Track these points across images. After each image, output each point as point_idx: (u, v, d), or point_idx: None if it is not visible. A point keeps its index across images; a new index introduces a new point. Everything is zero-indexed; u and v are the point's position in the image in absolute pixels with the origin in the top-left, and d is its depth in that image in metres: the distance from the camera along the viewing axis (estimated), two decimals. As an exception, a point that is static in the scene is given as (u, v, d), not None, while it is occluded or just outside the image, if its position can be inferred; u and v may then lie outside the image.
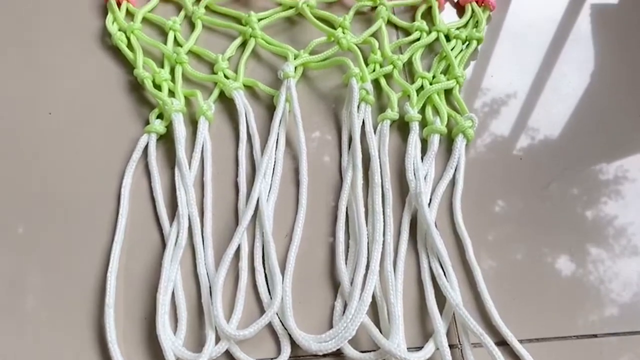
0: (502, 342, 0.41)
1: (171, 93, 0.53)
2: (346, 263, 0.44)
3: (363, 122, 0.52)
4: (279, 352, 0.41)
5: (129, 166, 0.48)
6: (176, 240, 0.44)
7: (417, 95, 0.54)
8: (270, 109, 0.53)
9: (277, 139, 0.50)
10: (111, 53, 0.57)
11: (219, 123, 0.53)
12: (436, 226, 0.46)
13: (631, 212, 0.50)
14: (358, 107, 0.52)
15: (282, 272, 0.43)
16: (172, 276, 0.42)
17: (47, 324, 0.41)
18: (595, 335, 0.43)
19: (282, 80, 0.53)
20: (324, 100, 0.55)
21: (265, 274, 0.44)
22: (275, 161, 0.49)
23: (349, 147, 0.51)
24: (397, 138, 0.53)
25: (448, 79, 0.55)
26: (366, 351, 0.41)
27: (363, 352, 0.40)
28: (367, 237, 0.45)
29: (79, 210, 0.46)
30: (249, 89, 0.55)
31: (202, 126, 0.50)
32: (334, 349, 0.40)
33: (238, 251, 0.44)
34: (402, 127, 0.53)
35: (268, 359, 0.41)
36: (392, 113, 0.52)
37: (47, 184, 0.48)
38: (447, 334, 0.41)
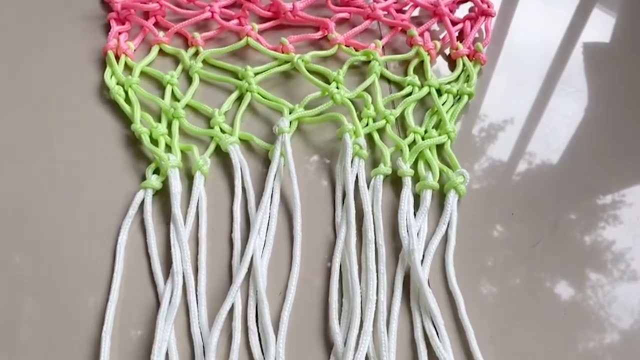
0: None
1: (168, 147, 0.54)
2: (340, 322, 0.44)
3: (357, 176, 0.52)
4: (272, 413, 0.41)
5: (124, 222, 0.48)
6: (170, 298, 0.44)
7: (410, 150, 0.55)
8: (266, 162, 0.54)
9: (272, 194, 0.51)
10: (109, 107, 0.57)
11: (214, 177, 0.53)
12: (429, 284, 0.47)
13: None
14: (352, 161, 0.53)
15: (276, 332, 0.43)
16: (166, 336, 0.42)
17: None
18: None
19: (277, 135, 0.54)
20: (318, 153, 0.56)
21: (259, 334, 0.44)
22: (269, 216, 0.50)
23: (343, 202, 0.51)
24: (390, 192, 0.53)
25: (440, 134, 0.56)
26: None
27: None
28: (361, 296, 0.45)
29: (74, 267, 0.46)
30: (245, 142, 0.56)
31: (198, 181, 0.51)
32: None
33: (232, 310, 0.44)
34: (395, 181, 0.54)
35: (261, 422, 0.40)
36: (385, 168, 0.53)
37: (40, 240, 0.48)
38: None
